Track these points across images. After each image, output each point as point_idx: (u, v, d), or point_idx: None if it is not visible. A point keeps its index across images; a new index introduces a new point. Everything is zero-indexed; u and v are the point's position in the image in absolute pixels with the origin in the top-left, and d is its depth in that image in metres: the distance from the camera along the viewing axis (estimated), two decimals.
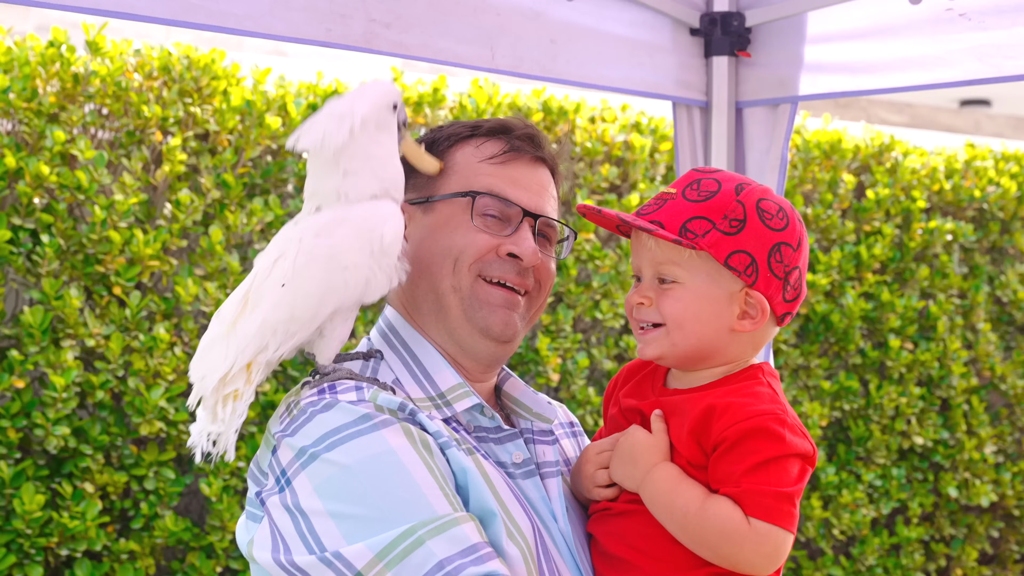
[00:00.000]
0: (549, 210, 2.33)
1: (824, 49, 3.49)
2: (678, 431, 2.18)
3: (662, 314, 2.20)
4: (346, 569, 1.94)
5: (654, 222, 2.18)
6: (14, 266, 4.89)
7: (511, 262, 2.26)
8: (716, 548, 2.12)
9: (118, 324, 5.00)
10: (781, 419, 2.13)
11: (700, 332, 2.20)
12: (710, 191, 2.19)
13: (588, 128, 6.27)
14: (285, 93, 5.53)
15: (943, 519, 7.36)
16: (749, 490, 2.09)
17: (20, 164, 4.87)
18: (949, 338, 7.25)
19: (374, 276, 2.10)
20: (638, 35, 3.49)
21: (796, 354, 6.78)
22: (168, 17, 2.63)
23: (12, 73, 4.95)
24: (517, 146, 2.30)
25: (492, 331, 2.25)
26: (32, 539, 4.77)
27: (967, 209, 7.54)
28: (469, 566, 1.93)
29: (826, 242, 7.01)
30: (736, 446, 2.10)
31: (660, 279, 2.21)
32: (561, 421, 2.53)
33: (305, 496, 2.00)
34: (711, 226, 2.16)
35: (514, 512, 2.11)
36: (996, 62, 3.16)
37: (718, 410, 2.13)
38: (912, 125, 13.26)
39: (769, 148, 3.57)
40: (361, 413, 2.05)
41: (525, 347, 5.89)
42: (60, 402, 4.83)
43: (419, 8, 2.99)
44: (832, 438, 7.06)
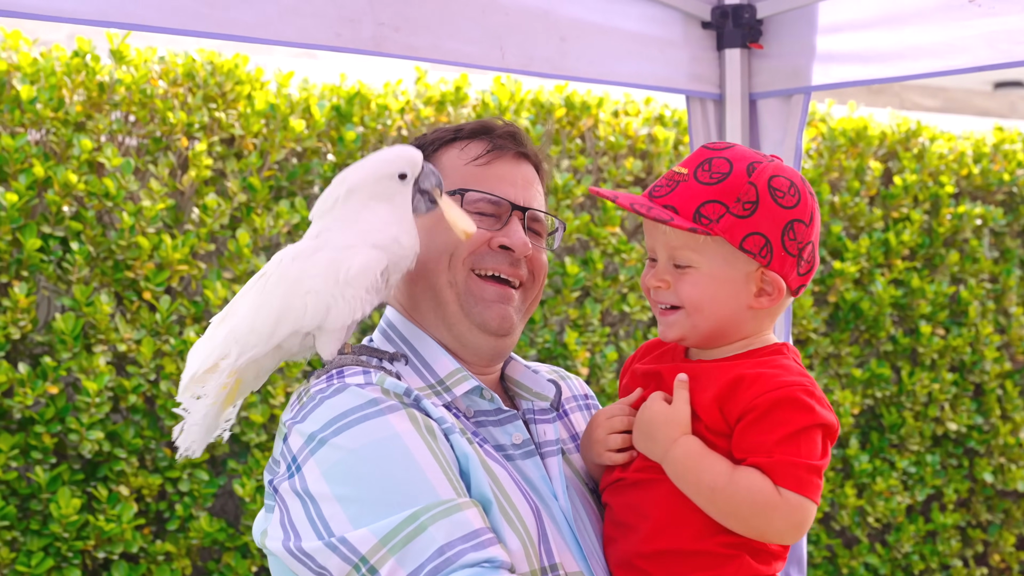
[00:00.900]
0: (536, 203, 2.39)
1: (835, 39, 3.50)
2: (700, 396, 2.19)
3: (680, 298, 2.22)
4: (351, 554, 1.98)
5: (667, 206, 2.19)
6: (45, 274, 4.96)
7: (503, 254, 2.31)
8: (746, 519, 2.13)
9: (149, 328, 5.07)
10: (810, 390, 2.14)
11: (719, 313, 2.22)
12: (722, 172, 2.18)
13: (611, 122, 6.28)
14: (309, 96, 5.58)
15: (979, 505, 7.33)
16: (781, 460, 2.10)
17: (48, 173, 4.94)
18: (981, 323, 7.22)
19: (335, 304, 2.16)
20: (649, 30, 3.51)
21: (826, 342, 6.78)
22: (178, 27, 2.67)
23: (39, 83, 5.02)
24: (499, 144, 2.37)
25: (489, 326, 2.30)
26: (69, 542, 4.85)
27: (996, 193, 7.51)
28: (470, 551, 1.97)
29: (854, 229, 6.99)
30: (766, 415, 2.12)
31: (676, 263, 2.23)
32: (575, 393, 2.57)
33: (314, 481, 2.05)
34: (725, 210, 2.16)
35: (514, 498, 2.15)
36: (1006, 48, 3.16)
37: (747, 380, 2.14)
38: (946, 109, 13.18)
39: (783, 139, 3.58)
40: (369, 397, 2.10)
41: (553, 342, 5.93)
42: (93, 407, 4.90)
43: (428, 10, 3.02)
44: (865, 426, 7.05)
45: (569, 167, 6.15)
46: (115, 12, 2.59)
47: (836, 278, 6.80)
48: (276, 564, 2.17)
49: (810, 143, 6.89)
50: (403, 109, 5.77)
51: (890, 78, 3.38)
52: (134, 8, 2.63)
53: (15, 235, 4.87)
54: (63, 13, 2.55)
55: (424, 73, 5.96)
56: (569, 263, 5.97)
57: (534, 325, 5.92)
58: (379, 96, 5.76)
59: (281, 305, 2.17)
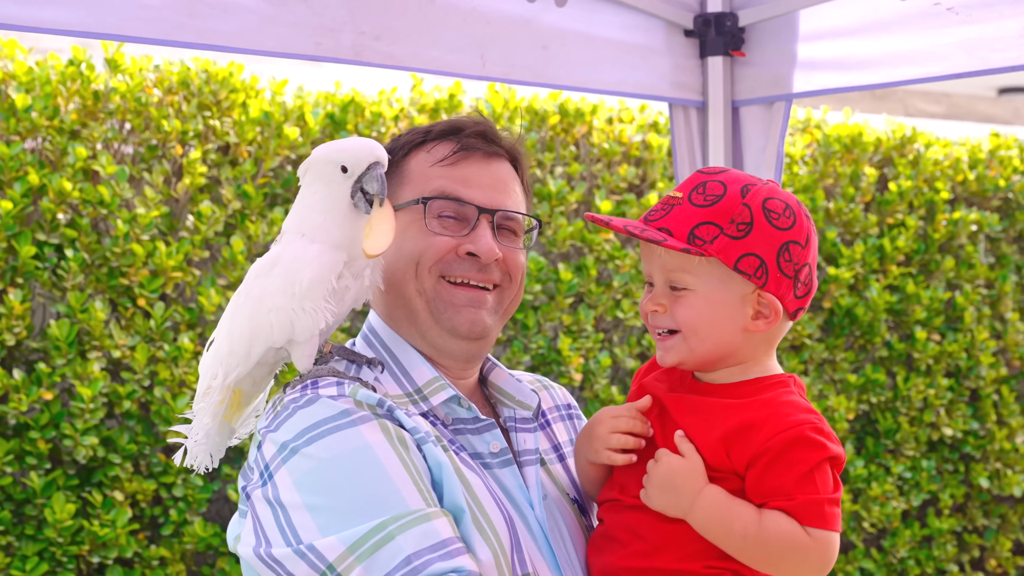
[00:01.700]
0: (509, 203, 2.34)
1: (816, 47, 3.53)
2: (705, 436, 2.19)
3: (677, 321, 2.22)
4: (319, 561, 2.00)
5: (662, 229, 2.19)
6: (40, 281, 5.00)
7: (471, 260, 2.29)
8: (778, 563, 2.15)
9: (143, 335, 5.10)
10: (819, 427, 2.16)
11: (716, 337, 2.22)
12: (716, 195, 2.19)
13: (605, 129, 6.31)
14: (303, 103, 5.62)
15: (975, 510, 7.34)
16: (803, 501, 2.12)
17: (43, 181, 4.98)
18: (977, 328, 7.24)
19: (298, 318, 2.16)
20: (631, 38, 3.54)
21: (821, 348, 6.80)
22: (159, 38, 2.71)
23: (34, 92, 5.06)
24: (467, 144, 2.33)
25: (459, 331, 2.29)
26: (64, 547, 4.89)
27: (992, 199, 7.53)
28: (436, 561, 1.98)
29: (849, 236, 7.02)
30: (780, 457, 2.13)
31: (672, 286, 2.23)
32: (557, 403, 2.56)
33: (285, 489, 2.06)
34: (719, 231, 2.17)
35: (488, 508, 2.15)
36: (983, 55, 3.19)
37: (756, 424, 2.15)
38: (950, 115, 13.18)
39: (765, 146, 3.61)
40: (341, 408, 2.11)
41: (547, 348, 5.95)
42: (88, 413, 4.94)
43: (408, 20, 3.05)
44: (860, 431, 7.07)
45: (563, 174, 6.18)
46: (96, 23, 2.62)
47: (831, 284, 6.82)
48: (248, 570, 2.19)
49: (805, 150, 6.92)
50: (397, 116, 5.80)
51: (869, 85, 3.41)
52: (115, 20, 2.66)
53: (10, 242, 4.91)
54: (46, 24, 2.59)
55: (420, 81, 6.00)
56: (563, 269, 6.00)
57: (528, 331, 5.95)
58: (373, 104, 5.80)
59: (250, 326, 2.19)
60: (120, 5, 2.65)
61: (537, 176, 6.13)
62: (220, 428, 2.28)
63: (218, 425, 2.26)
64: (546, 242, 6.09)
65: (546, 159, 6.13)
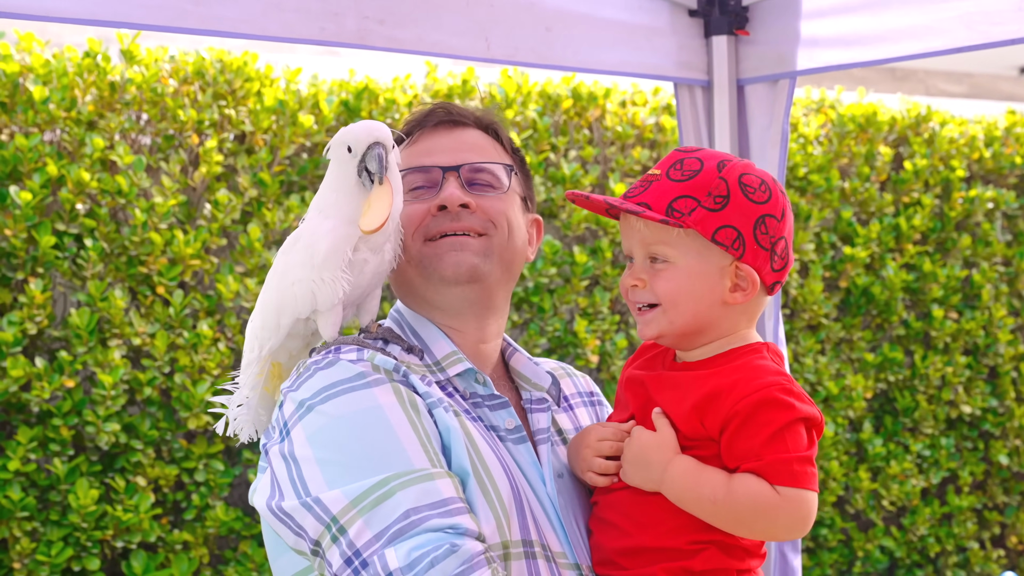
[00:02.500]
0: (475, 158, 2.41)
1: (819, 24, 3.54)
2: (678, 407, 2.23)
3: (656, 294, 2.26)
4: (323, 513, 2.08)
5: (641, 203, 2.23)
6: (60, 270, 5.07)
7: (443, 213, 2.36)
8: (751, 524, 2.18)
9: (163, 322, 5.17)
10: (787, 388, 2.19)
11: (694, 308, 2.25)
12: (693, 170, 2.23)
13: (619, 112, 6.35)
14: (317, 91, 5.67)
15: (995, 487, 7.35)
16: (771, 460, 2.14)
17: (62, 172, 5.05)
18: (994, 306, 7.24)
19: (319, 288, 2.25)
20: (635, 19, 3.57)
21: (838, 327, 6.82)
22: (164, 24, 2.75)
23: (51, 84, 5.13)
24: (422, 122, 2.44)
25: (447, 275, 2.34)
26: (88, 532, 4.96)
27: (1008, 176, 7.52)
28: (435, 518, 2.04)
29: (864, 215, 7.03)
30: (748, 420, 2.16)
31: (651, 259, 2.26)
32: (580, 391, 2.62)
33: (299, 445, 2.15)
34: (696, 204, 2.21)
35: (494, 472, 2.21)
36: (983, 29, 3.20)
37: (724, 389, 2.19)
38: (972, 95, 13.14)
39: (770, 123, 3.63)
40: (357, 371, 2.19)
41: (564, 330, 6.00)
42: (110, 399, 5.01)
43: (412, 3, 3.09)
44: (879, 410, 7.09)
45: (577, 157, 6.22)
46: (103, 11, 2.67)
47: (847, 263, 6.84)
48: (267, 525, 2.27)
49: (819, 130, 6.93)
50: (411, 103, 5.85)
51: (871, 61, 3.42)
52: (123, 8, 2.71)
53: (30, 233, 4.98)
54: (53, 13, 2.64)
55: (434, 67, 6.04)
56: (578, 252, 6.03)
57: (544, 314, 5.99)
58: (387, 90, 5.85)
59: (277, 299, 2.29)
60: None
61: (551, 160, 6.17)
62: (262, 400, 2.38)
63: (259, 396, 2.37)
64: (561, 225, 6.13)
65: (560, 143, 6.16)
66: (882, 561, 6.93)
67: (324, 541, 2.08)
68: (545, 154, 6.11)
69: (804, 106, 7.01)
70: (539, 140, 6.09)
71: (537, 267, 5.95)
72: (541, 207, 6.11)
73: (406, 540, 2.03)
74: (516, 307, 6.02)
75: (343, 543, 2.06)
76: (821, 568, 6.77)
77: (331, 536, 2.07)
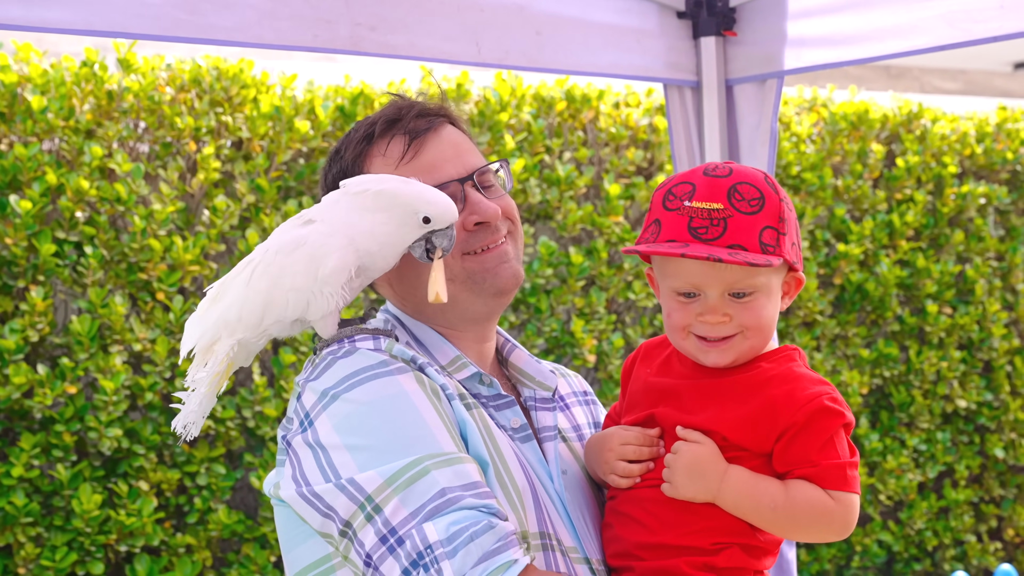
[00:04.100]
0: (474, 161, 2.41)
1: (806, 24, 3.60)
2: (726, 415, 2.25)
3: (743, 325, 2.25)
4: (358, 493, 2.10)
5: (734, 246, 2.19)
6: (61, 278, 5.13)
7: (482, 228, 2.36)
8: (807, 528, 2.23)
9: (163, 328, 5.22)
10: (834, 396, 2.23)
11: (773, 328, 2.29)
12: (757, 197, 2.21)
13: (612, 113, 6.40)
14: (313, 97, 5.73)
15: (992, 480, 7.41)
16: (827, 466, 2.19)
17: (61, 180, 5.11)
18: (988, 300, 7.30)
19: (314, 299, 2.26)
20: (625, 22, 3.62)
21: (833, 324, 6.87)
22: (159, 34, 2.80)
23: (49, 94, 5.19)
24: (414, 131, 2.37)
25: (507, 287, 2.37)
26: (92, 537, 5.02)
27: (1000, 172, 7.58)
28: (469, 497, 2.08)
29: (858, 212, 7.08)
30: (805, 429, 2.19)
31: (733, 294, 2.24)
32: (575, 390, 2.65)
33: (325, 433, 2.16)
34: (776, 233, 2.21)
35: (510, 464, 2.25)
36: (965, 26, 3.26)
37: (779, 401, 2.21)
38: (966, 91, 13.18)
39: (759, 123, 3.69)
40: (380, 359, 2.21)
41: (560, 330, 6.05)
42: (111, 405, 5.06)
43: (403, 10, 3.14)
44: (874, 405, 7.14)
45: (571, 159, 6.27)
46: (100, 22, 2.72)
47: (841, 260, 6.89)
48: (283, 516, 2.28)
49: (811, 128, 6.98)
50: None
51: (857, 60, 3.48)
52: (119, 18, 2.76)
53: (31, 241, 5.04)
54: (50, 24, 2.69)
55: (429, 72, 6.09)
56: (574, 253, 6.09)
57: (541, 315, 6.04)
58: (382, 95, 5.90)
59: (265, 299, 2.27)
60: (123, 4, 2.75)
61: (546, 161, 6.22)
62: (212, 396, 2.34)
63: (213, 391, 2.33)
64: (557, 226, 6.18)
65: (554, 145, 6.22)
66: (880, 555, 6.98)
67: (356, 521, 2.10)
68: (540, 156, 6.16)
69: (796, 105, 7.06)
70: (534, 142, 6.15)
71: (534, 268, 6.00)
72: (536, 208, 6.16)
73: (443, 516, 2.06)
74: (513, 308, 6.07)
75: (378, 521, 2.08)
76: (819, 563, 6.82)
77: (365, 515, 2.09)
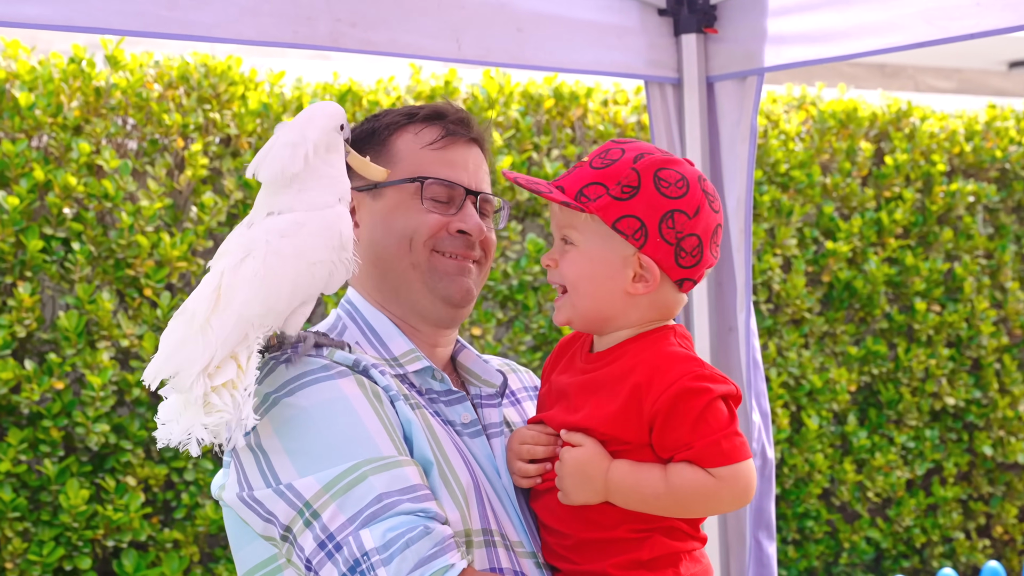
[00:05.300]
0: (485, 186, 2.51)
1: (785, 21, 3.61)
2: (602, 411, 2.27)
3: (563, 276, 2.31)
4: (296, 499, 2.13)
5: (558, 186, 2.31)
6: (48, 274, 5.15)
7: (461, 237, 2.43)
8: (695, 508, 2.26)
9: (150, 324, 5.24)
10: (698, 373, 2.23)
11: (595, 293, 2.29)
12: (612, 159, 2.30)
13: (600, 111, 6.42)
14: (302, 94, 5.75)
15: (980, 478, 7.43)
16: (701, 446, 2.20)
17: (49, 176, 5.12)
18: (977, 298, 7.32)
19: (336, 269, 2.28)
20: (606, 19, 3.63)
21: (821, 321, 6.89)
22: (141, 30, 2.82)
23: (37, 90, 5.20)
24: (452, 130, 2.47)
25: (454, 298, 2.43)
26: (79, 532, 5.03)
27: (989, 170, 7.60)
28: (406, 502, 2.10)
29: (846, 210, 7.11)
30: (671, 414, 2.21)
31: (564, 240, 2.32)
32: (526, 385, 2.68)
33: (266, 437, 2.20)
34: (604, 191, 2.27)
35: (454, 462, 2.27)
36: (943, 24, 3.28)
37: (642, 388, 2.23)
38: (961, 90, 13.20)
39: (740, 119, 3.70)
40: (321, 363, 2.25)
41: (548, 327, 6.07)
42: (99, 400, 5.08)
43: (384, 6, 3.16)
44: (863, 402, 7.16)
45: (559, 156, 6.29)
46: (81, 18, 2.73)
47: (829, 258, 6.91)
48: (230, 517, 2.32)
49: (800, 126, 7.01)
50: (394, 104, 5.92)
51: (835, 57, 3.50)
52: (99, 14, 2.77)
53: (18, 237, 5.05)
54: (31, 20, 2.69)
55: (418, 69, 6.11)
56: None
57: (529, 312, 6.06)
58: (370, 92, 5.92)
59: (292, 280, 2.24)
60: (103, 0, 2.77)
61: (534, 159, 6.24)
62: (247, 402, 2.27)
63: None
64: (544, 223, 6.20)
65: (542, 142, 6.23)
66: (868, 552, 7.01)
67: (296, 526, 2.14)
68: (528, 153, 6.18)
69: (785, 103, 7.09)
70: (522, 140, 6.16)
71: (521, 265, 6.02)
72: (524, 205, 6.18)
73: (380, 522, 2.09)
74: (501, 305, 6.09)
75: (316, 527, 2.11)
76: (808, 560, 6.84)
77: (304, 521, 2.13)
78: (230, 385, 2.19)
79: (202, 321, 2.21)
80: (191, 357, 2.18)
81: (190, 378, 2.16)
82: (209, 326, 2.20)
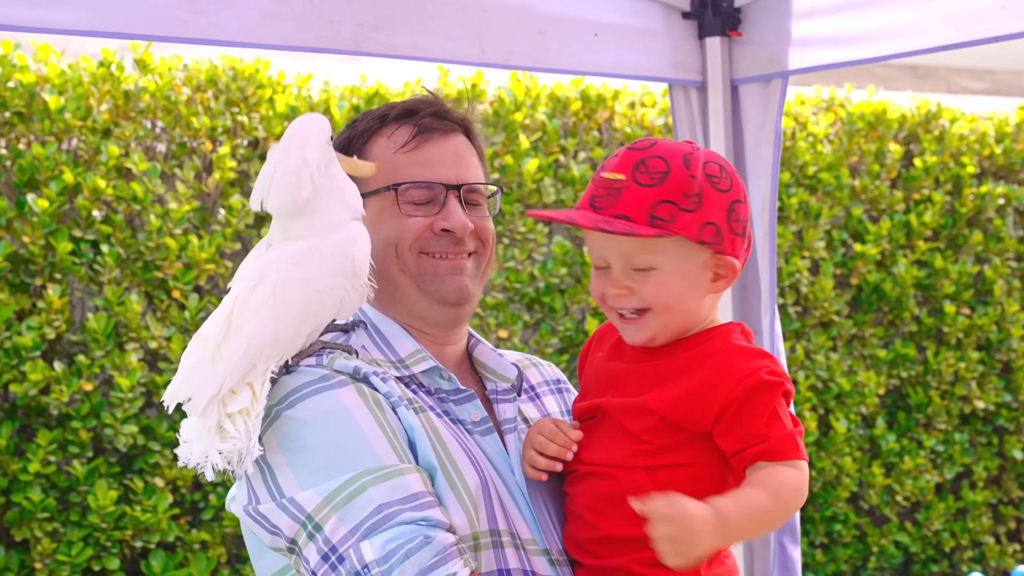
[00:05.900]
0: (470, 175, 2.45)
1: (810, 24, 3.60)
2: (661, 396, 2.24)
3: (646, 301, 2.24)
4: (299, 512, 2.14)
5: (619, 216, 2.20)
6: (77, 276, 5.19)
7: (447, 236, 2.40)
8: (794, 506, 2.23)
9: (178, 326, 5.27)
10: (772, 368, 2.23)
11: (685, 307, 2.27)
12: (661, 171, 2.21)
13: (627, 113, 6.41)
14: (329, 97, 5.77)
15: (1010, 482, 7.38)
16: (775, 437, 2.18)
17: (78, 179, 5.16)
18: (1007, 301, 7.27)
19: (348, 296, 2.27)
20: (629, 22, 3.63)
21: (849, 324, 6.86)
22: (164, 35, 2.84)
23: (67, 94, 5.24)
24: (424, 126, 2.43)
25: (448, 298, 2.41)
26: (108, 533, 5.07)
27: (1020, 172, 7.55)
28: (407, 511, 2.10)
29: (875, 212, 7.07)
30: (747, 404, 2.19)
31: (634, 268, 2.24)
32: (547, 379, 2.66)
33: (270, 450, 2.21)
34: (675, 208, 2.19)
35: (460, 464, 2.26)
36: (967, 26, 3.26)
37: (715, 378, 2.21)
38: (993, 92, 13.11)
39: (764, 122, 3.69)
40: (320, 374, 2.24)
41: (575, 329, 6.07)
42: (127, 402, 5.12)
43: (406, 10, 3.17)
44: (892, 406, 7.13)
45: (586, 159, 6.29)
46: (103, 23, 2.75)
47: (858, 260, 6.88)
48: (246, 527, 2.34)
49: (829, 128, 6.98)
50: None
51: (859, 60, 3.49)
52: (122, 19, 2.79)
53: (48, 239, 5.09)
54: (54, 25, 2.72)
55: (447, 72, 6.12)
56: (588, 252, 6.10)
57: (555, 314, 6.07)
58: (398, 95, 5.94)
59: (301, 308, 2.24)
60: (126, 5, 2.78)
61: (561, 161, 6.24)
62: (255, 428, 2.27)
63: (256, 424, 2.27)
64: (571, 226, 6.19)
65: (569, 145, 6.24)
66: (897, 556, 6.97)
67: (300, 539, 2.15)
68: (555, 156, 6.18)
69: (814, 105, 7.06)
70: (548, 142, 6.17)
71: (548, 268, 6.03)
72: (551, 208, 6.19)
73: (380, 533, 2.09)
74: (528, 307, 6.10)
75: (319, 540, 2.12)
76: (836, 563, 6.81)
77: (307, 534, 2.14)
78: (244, 413, 2.21)
79: (213, 349, 2.24)
80: (202, 384, 2.21)
81: (202, 404, 2.20)
82: (219, 354, 2.23)
